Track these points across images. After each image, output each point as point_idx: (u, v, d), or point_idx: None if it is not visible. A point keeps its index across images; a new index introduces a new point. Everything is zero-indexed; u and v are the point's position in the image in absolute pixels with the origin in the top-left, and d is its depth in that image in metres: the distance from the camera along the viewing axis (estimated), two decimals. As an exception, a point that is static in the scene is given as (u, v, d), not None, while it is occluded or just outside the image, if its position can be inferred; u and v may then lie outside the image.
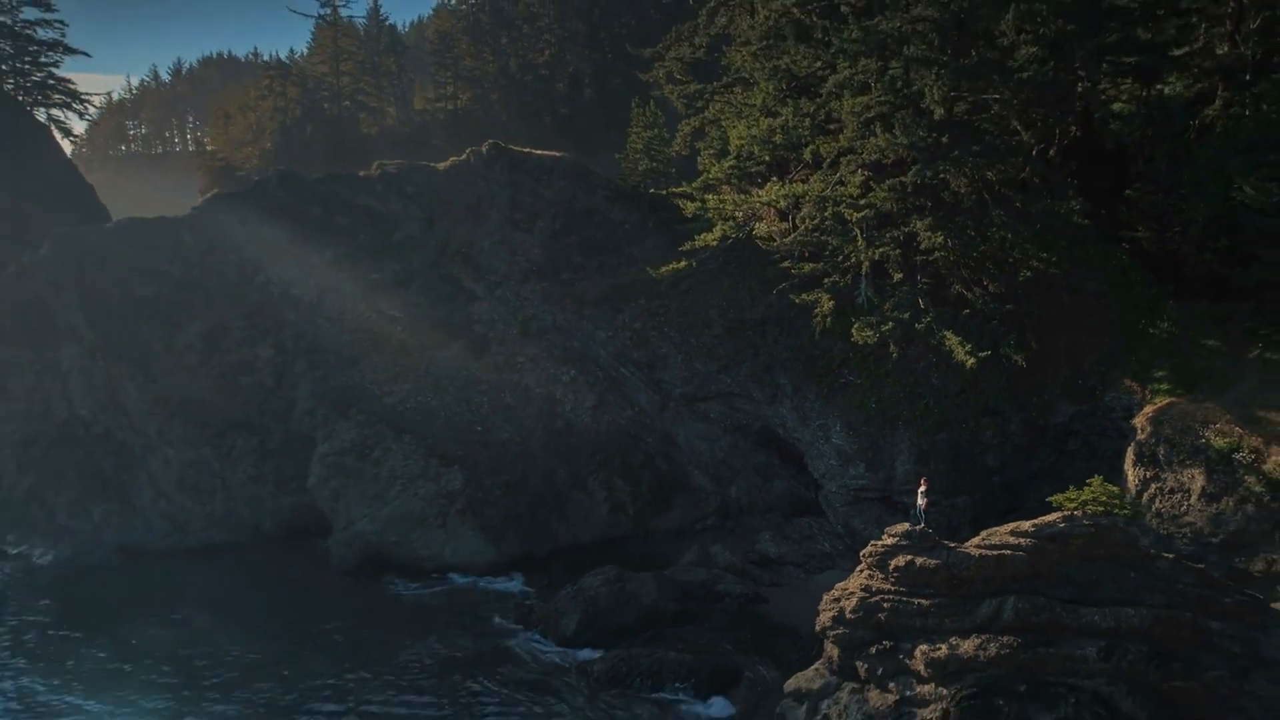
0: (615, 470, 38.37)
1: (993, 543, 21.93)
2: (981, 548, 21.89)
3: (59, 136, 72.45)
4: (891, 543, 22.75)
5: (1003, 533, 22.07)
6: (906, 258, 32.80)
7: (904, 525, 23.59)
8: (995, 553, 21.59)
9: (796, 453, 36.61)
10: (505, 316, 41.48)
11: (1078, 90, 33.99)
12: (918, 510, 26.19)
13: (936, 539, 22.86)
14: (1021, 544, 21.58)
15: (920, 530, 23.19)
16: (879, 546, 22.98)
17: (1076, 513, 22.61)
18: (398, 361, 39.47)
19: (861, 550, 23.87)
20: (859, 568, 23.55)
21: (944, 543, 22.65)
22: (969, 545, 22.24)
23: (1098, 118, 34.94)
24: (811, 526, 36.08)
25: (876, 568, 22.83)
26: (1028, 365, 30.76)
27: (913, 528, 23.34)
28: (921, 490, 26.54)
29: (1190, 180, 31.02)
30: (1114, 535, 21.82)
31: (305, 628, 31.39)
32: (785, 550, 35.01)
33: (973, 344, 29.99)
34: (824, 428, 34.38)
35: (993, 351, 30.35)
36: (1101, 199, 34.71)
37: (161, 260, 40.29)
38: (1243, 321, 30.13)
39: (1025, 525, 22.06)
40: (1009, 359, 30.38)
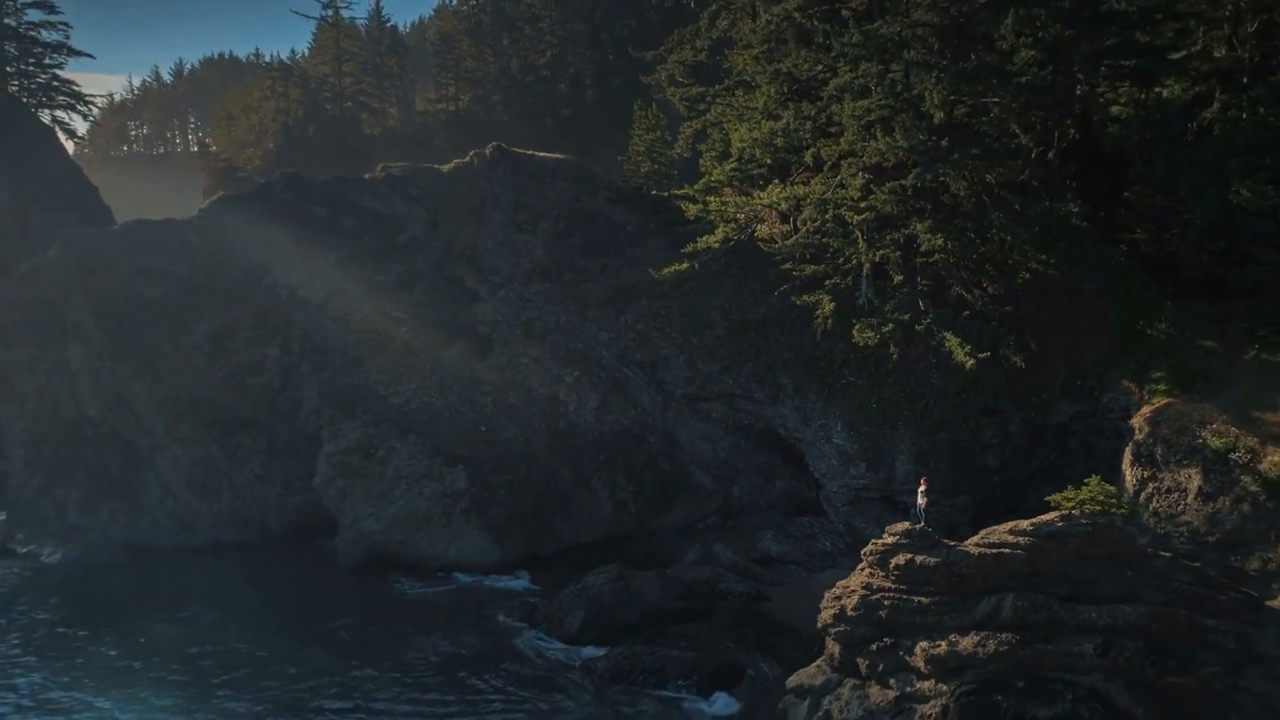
0: (618, 470, 38.69)
1: (992, 541, 22.26)
2: (981, 546, 22.23)
3: (63, 138, 73.04)
4: (892, 541, 23.09)
5: (1001, 531, 22.41)
6: (907, 260, 33.08)
7: (904, 524, 23.92)
8: (994, 551, 21.93)
9: (798, 452, 36.91)
10: (509, 317, 41.80)
11: (1076, 93, 34.15)
12: (918, 509, 26.50)
13: (936, 538, 23.21)
14: (1020, 542, 21.91)
15: (920, 529, 23.52)
16: (880, 545, 23.31)
17: (1074, 512, 22.99)
18: (403, 362, 39.78)
19: (862, 549, 24.21)
20: (860, 566, 23.89)
21: (944, 541, 23.00)
22: (968, 544, 22.57)
23: (1096, 121, 35.06)
24: (813, 525, 36.34)
25: (877, 566, 23.17)
26: (1027, 366, 30.96)
27: (913, 526, 23.67)
28: (922, 490, 26.85)
29: (1188, 183, 31.23)
30: (1111, 534, 22.17)
31: (312, 626, 31.68)
32: (787, 549, 35.31)
33: (972, 345, 30.21)
34: (825, 428, 34.69)
35: (992, 352, 30.55)
36: (1100, 201, 34.96)
37: (169, 262, 40.60)
38: (1240, 322, 30.29)
39: (1024, 524, 22.40)
40: (1008, 360, 30.58)
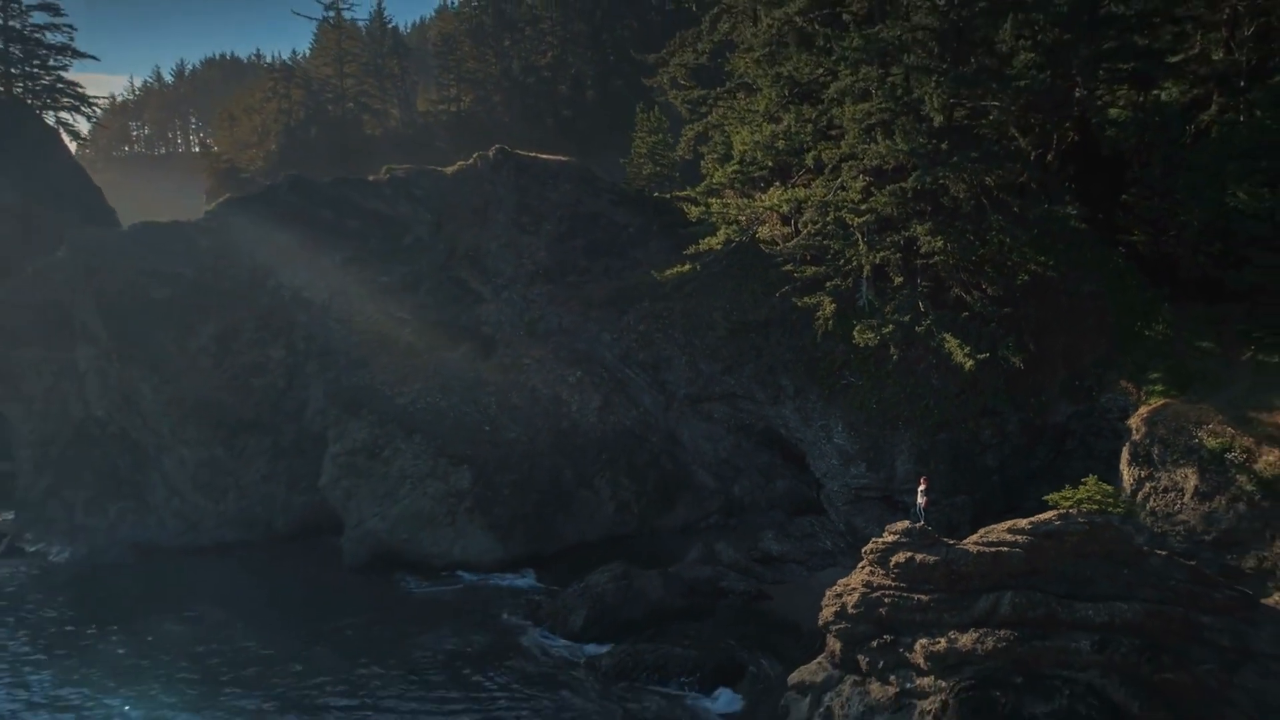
0: (621, 469, 38.99)
1: (990, 540, 22.53)
2: (979, 545, 22.49)
3: (66, 139, 73.27)
4: (892, 540, 23.36)
5: (1000, 530, 22.68)
6: (907, 261, 33.34)
7: (904, 523, 24.18)
8: (993, 550, 22.18)
9: (799, 452, 37.19)
10: (512, 318, 42.13)
11: (1075, 97, 34.38)
12: (918, 509, 26.76)
13: (936, 536, 23.46)
14: (1018, 541, 22.17)
15: (920, 528, 23.78)
16: (880, 544, 23.58)
17: (1072, 511, 23.29)
18: (407, 362, 40.10)
19: (863, 548, 24.45)
20: (861, 564, 24.15)
21: (943, 540, 23.24)
22: (967, 542, 22.82)
23: (1095, 124, 35.34)
24: (813, 525, 36.62)
25: (878, 564, 23.44)
26: (1026, 367, 31.23)
27: (913, 525, 23.92)
28: (921, 489, 27.12)
29: (1185, 185, 31.48)
30: (1108, 533, 22.46)
31: (318, 624, 31.91)
32: (788, 548, 35.60)
33: (972, 346, 30.49)
34: (826, 428, 34.98)
35: (991, 353, 30.84)
36: (1098, 204, 35.20)
37: (175, 263, 40.94)
38: (1236, 324, 30.59)
39: (1022, 523, 22.66)
40: (1007, 361, 30.85)
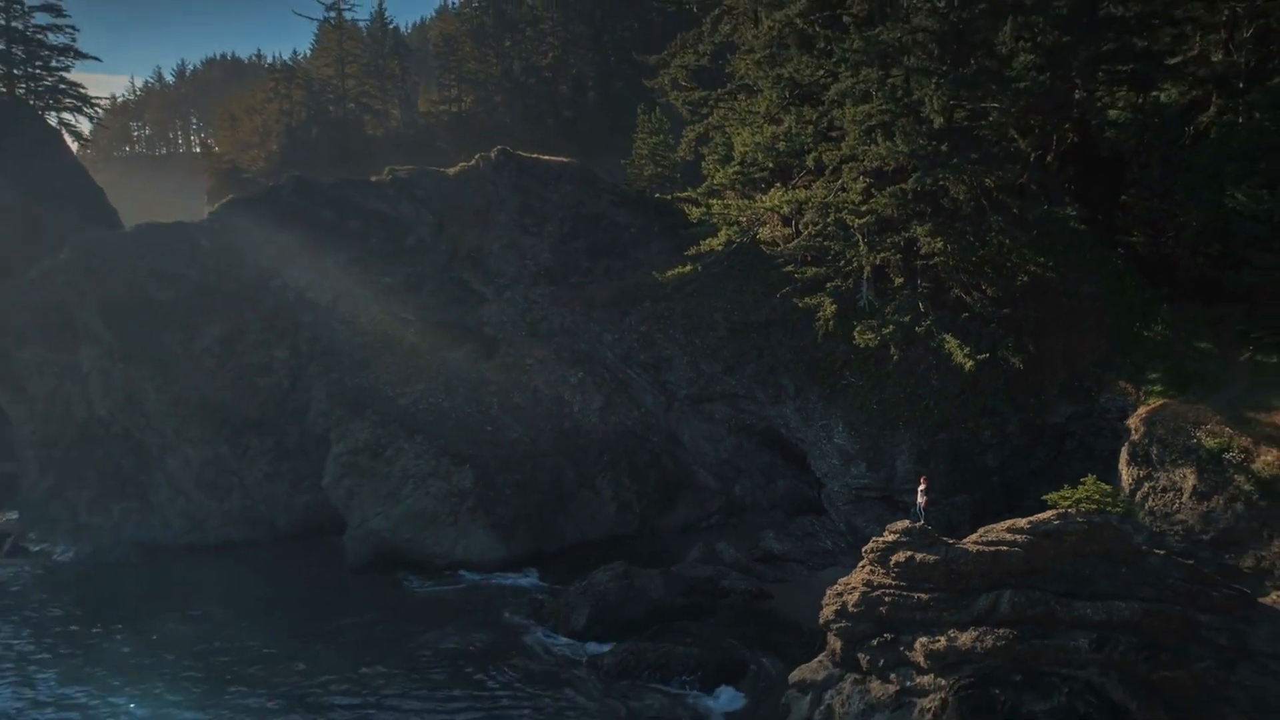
0: (622, 469, 39.16)
1: (990, 539, 22.68)
2: (979, 544, 22.64)
3: (69, 140, 73.41)
4: (892, 539, 23.52)
5: (999, 530, 22.83)
6: (907, 262, 33.53)
7: (905, 522, 24.32)
8: (992, 549, 22.33)
9: (799, 452, 37.36)
10: (514, 319, 42.30)
11: (1074, 98, 34.46)
12: (918, 508, 26.95)
13: (936, 536, 23.61)
14: (1017, 540, 22.31)
15: (920, 527, 23.93)
16: (880, 543, 23.73)
17: (1071, 511, 23.46)
18: (410, 363, 40.28)
19: (863, 547, 24.60)
20: (861, 563, 24.30)
21: (943, 539, 23.39)
22: (967, 542, 22.97)
23: (1094, 125, 35.37)
24: (814, 524, 36.83)
25: (878, 563, 23.60)
26: (1025, 367, 31.40)
27: (913, 525, 24.08)
28: (921, 489, 27.30)
29: (1184, 187, 31.60)
30: (1106, 532, 22.61)
31: (321, 623, 32.07)
32: (789, 547, 35.78)
33: (971, 346, 30.65)
34: (826, 428, 35.15)
35: (991, 354, 30.99)
36: (1097, 205, 35.30)
37: (179, 264, 41.13)
38: (1234, 324, 30.71)
39: (1021, 522, 22.80)
40: (1007, 361, 31.01)
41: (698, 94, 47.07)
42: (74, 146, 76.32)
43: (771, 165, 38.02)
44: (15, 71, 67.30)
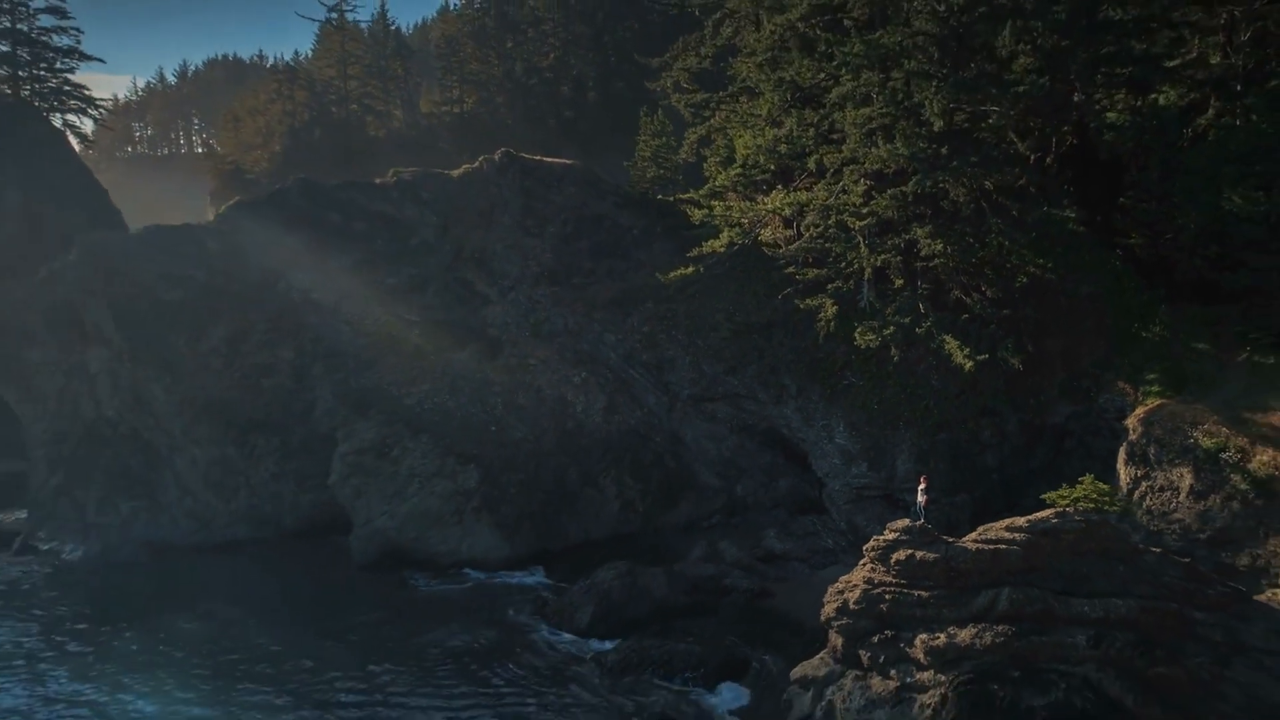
0: (625, 469, 39.45)
1: (989, 538, 22.97)
2: (978, 542, 22.94)
3: (73, 141, 73.75)
4: (893, 538, 23.81)
5: (998, 528, 23.12)
6: (907, 264, 33.87)
7: (905, 521, 24.61)
8: (991, 547, 22.61)
9: (801, 452, 37.67)
10: (518, 319, 42.63)
11: (1073, 101, 34.70)
12: (918, 507, 27.25)
13: (936, 534, 23.91)
14: (1016, 539, 22.59)
15: (920, 526, 24.23)
16: (881, 541, 24.02)
17: (1069, 509, 23.78)
18: (415, 364, 40.60)
19: (864, 545, 24.88)
20: (862, 561, 24.58)
21: (943, 538, 23.67)
22: (967, 540, 23.25)
23: (1093, 128, 35.65)
24: (815, 523, 37.07)
25: (879, 561, 23.91)
26: (1025, 368, 31.71)
27: (913, 524, 24.36)
28: (922, 488, 27.59)
29: (1182, 189, 31.89)
30: (1104, 530, 22.94)
31: (328, 621, 32.33)
32: (790, 546, 36.06)
33: (971, 347, 30.95)
34: (827, 428, 35.48)
35: (991, 354, 31.29)
36: (1096, 207, 35.56)
37: (186, 266, 41.46)
38: (1232, 325, 31.05)
39: (1020, 521, 23.10)
40: (1007, 362, 31.28)
41: (700, 96, 47.41)
42: (77, 147, 76.68)
43: (773, 167, 38.38)
44: (20, 73, 67.62)
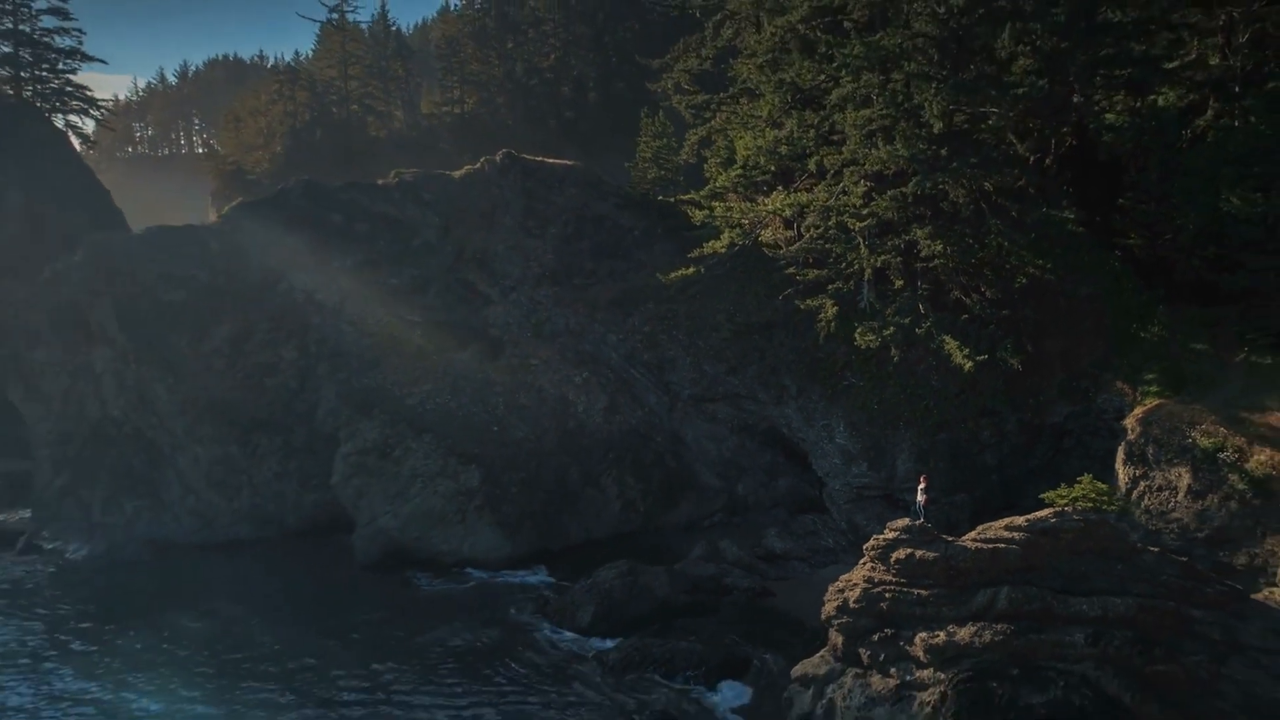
0: (626, 468, 39.66)
1: (988, 537, 23.16)
2: (977, 541, 23.13)
3: (75, 142, 73.92)
4: (893, 537, 24.00)
5: (997, 527, 23.31)
6: (907, 265, 34.01)
7: (905, 520, 24.79)
8: (990, 546, 22.80)
9: (801, 452, 37.85)
10: (519, 320, 42.83)
11: (1072, 103, 34.83)
12: (918, 506, 27.44)
13: (935, 533, 24.10)
14: (1015, 538, 22.78)
15: (920, 525, 24.42)
16: (881, 540, 24.21)
17: (1067, 509, 23.94)
18: (417, 364, 40.78)
19: (864, 544, 25.06)
20: (862, 560, 24.76)
21: (942, 537, 23.86)
22: (966, 539, 23.44)
23: (1092, 129, 35.72)
24: (816, 523, 37.30)
25: (879, 560, 24.09)
26: (1024, 368, 31.88)
27: (913, 523, 24.56)
28: (921, 487, 27.78)
29: (1181, 190, 32.00)
30: (1102, 530, 23.11)
31: (332, 620, 32.54)
32: (791, 546, 36.28)
33: (971, 348, 31.13)
34: (828, 428, 35.66)
35: (990, 355, 31.45)
36: (1095, 208, 35.70)
37: (190, 267, 41.66)
38: (1230, 326, 31.18)
39: (1019, 520, 23.28)
40: (1006, 362, 31.44)
41: (700, 98, 47.59)
42: (78, 147, 76.85)
43: (773, 169, 38.53)
44: (22, 74, 67.80)
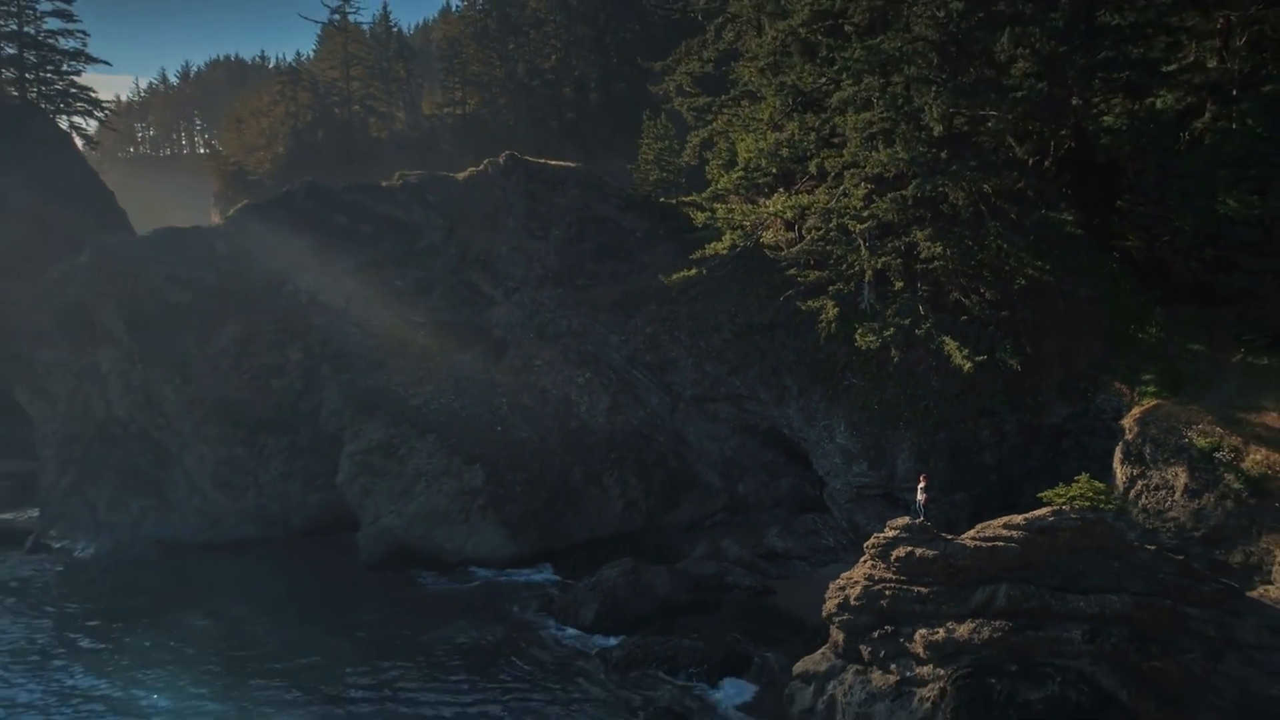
0: (629, 468, 39.91)
1: (987, 535, 23.46)
2: (976, 540, 23.44)
3: (79, 143, 74.25)
4: (893, 535, 24.30)
5: (996, 526, 23.62)
6: (907, 266, 34.30)
7: (905, 519, 25.09)
8: (989, 544, 23.11)
9: (802, 451, 38.14)
10: (522, 321, 43.13)
11: (1071, 106, 35.19)
12: (918, 505, 27.72)
13: (935, 532, 24.39)
14: (1013, 536, 23.09)
15: (920, 524, 24.71)
16: (881, 539, 24.51)
17: (1065, 508, 24.26)
18: (421, 365, 41.05)
19: (864, 543, 25.35)
20: (863, 558, 25.06)
21: (942, 535, 24.16)
22: (965, 537, 23.74)
23: (1090, 132, 36.02)
24: (816, 522, 37.57)
25: (879, 558, 24.40)
26: (1023, 369, 32.19)
27: (913, 522, 24.85)
28: (921, 486, 28.05)
29: (1178, 192, 32.28)
30: (1099, 528, 23.43)
31: (338, 619, 32.79)
32: (791, 545, 36.56)
33: (970, 348, 31.47)
34: (829, 428, 35.95)
35: (989, 356, 31.77)
36: (1093, 210, 36.04)
37: (196, 268, 41.95)
38: (1226, 327, 31.50)
39: (1017, 519, 23.59)
40: (1005, 363, 31.75)
41: (702, 100, 47.85)
42: (81, 147, 77.14)
43: (775, 171, 38.84)
44: (27, 75, 68.17)
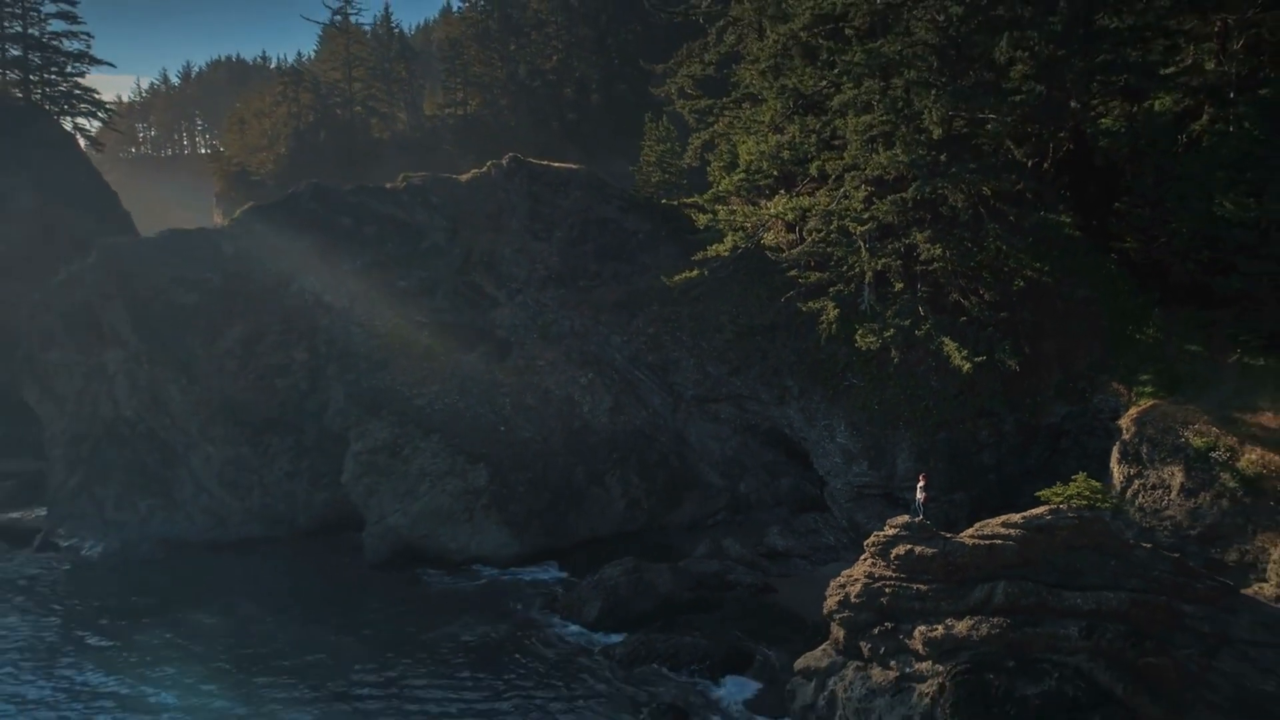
0: (631, 468, 40.24)
1: (985, 533, 23.73)
2: (975, 538, 23.71)
3: (83, 144, 74.62)
4: (893, 534, 24.60)
5: (994, 524, 23.89)
6: (907, 268, 34.59)
7: (904, 518, 25.36)
8: (987, 542, 23.37)
9: (803, 451, 38.46)
10: (525, 322, 43.46)
11: (1069, 109, 35.44)
12: (917, 505, 28.01)
13: (934, 530, 24.68)
14: (1011, 534, 23.35)
15: (919, 523, 25.00)
16: (881, 537, 24.81)
17: (1062, 506, 24.57)
18: (425, 365, 41.37)
19: (865, 541, 25.64)
20: (863, 556, 25.36)
21: (941, 534, 24.46)
22: (964, 536, 24.02)
23: (1089, 134, 36.24)
24: (817, 521, 37.91)
25: (879, 556, 24.71)
26: (1022, 369, 32.48)
27: (913, 520, 25.15)
28: (921, 486, 28.35)
29: (1175, 194, 32.51)
30: (1096, 526, 23.72)
31: (344, 617, 33.12)
32: (792, 543, 36.89)
33: (969, 349, 31.75)
34: (829, 428, 36.29)
35: (988, 356, 32.06)
36: (1092, 212, 36.29)
37: (202, 269, 42.28)
38: (1223, 328, 31.66)
39: (1015, 518, 23.85)
40: (1004, 363, 32.04)
41: (704, 102, 48.14)
42: (84, 148, 77.52)
43: (776, 173, 39.13)
44: (31, 77, 68.57)
